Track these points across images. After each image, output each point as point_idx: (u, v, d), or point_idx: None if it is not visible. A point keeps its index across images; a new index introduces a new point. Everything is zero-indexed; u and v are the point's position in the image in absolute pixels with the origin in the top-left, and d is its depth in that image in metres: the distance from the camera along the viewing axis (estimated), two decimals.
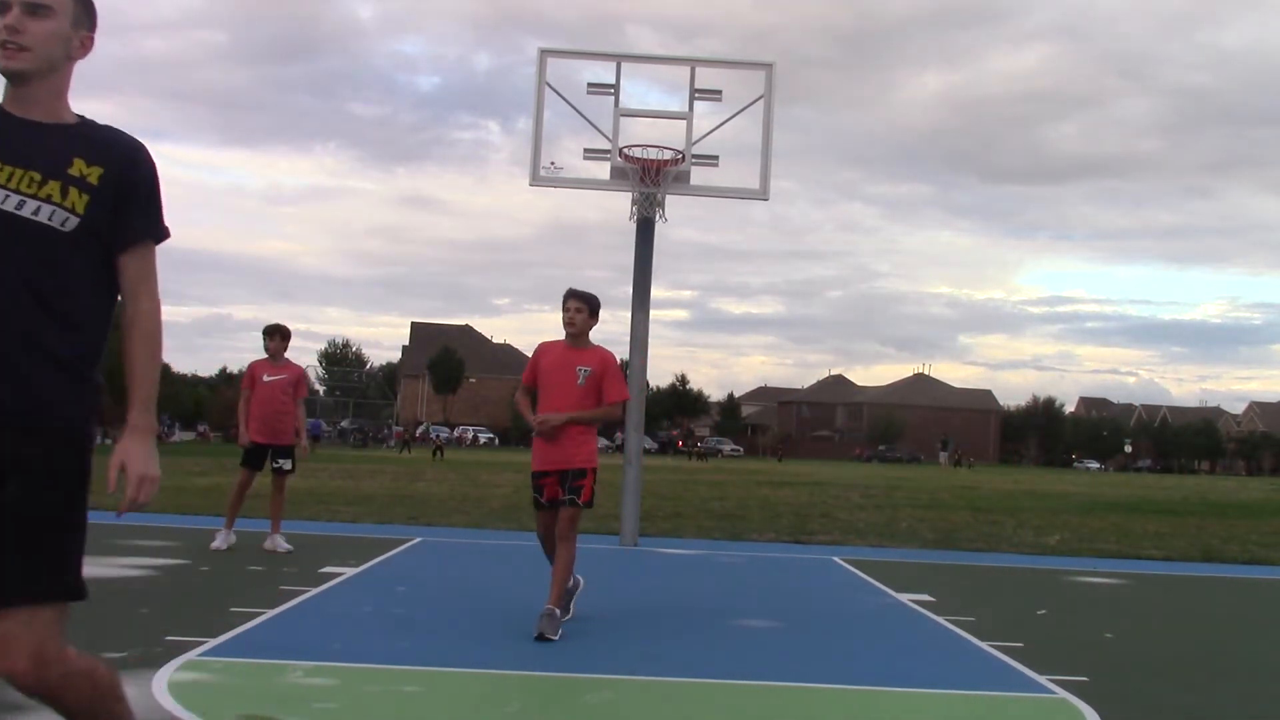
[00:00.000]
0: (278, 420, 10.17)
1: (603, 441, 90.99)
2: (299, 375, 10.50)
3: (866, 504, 22.64)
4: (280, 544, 10.17)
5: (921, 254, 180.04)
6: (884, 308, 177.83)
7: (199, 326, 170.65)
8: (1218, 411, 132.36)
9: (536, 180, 12.60)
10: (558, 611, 6.56)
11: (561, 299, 6.95)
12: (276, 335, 10.33)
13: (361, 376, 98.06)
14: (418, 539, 12.02)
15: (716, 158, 12.77)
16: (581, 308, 6.87)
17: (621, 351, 12.21)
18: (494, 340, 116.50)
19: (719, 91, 12.64)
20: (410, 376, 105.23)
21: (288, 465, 10.28)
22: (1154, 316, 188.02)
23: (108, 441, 62.98)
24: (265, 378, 10.18)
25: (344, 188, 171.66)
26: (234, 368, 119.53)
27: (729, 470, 47.24)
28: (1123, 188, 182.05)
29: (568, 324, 6.89)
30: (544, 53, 12.67)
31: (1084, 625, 8.13)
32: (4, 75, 2.72)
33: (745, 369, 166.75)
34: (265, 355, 10.35)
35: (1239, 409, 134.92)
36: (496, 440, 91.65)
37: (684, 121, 12.51)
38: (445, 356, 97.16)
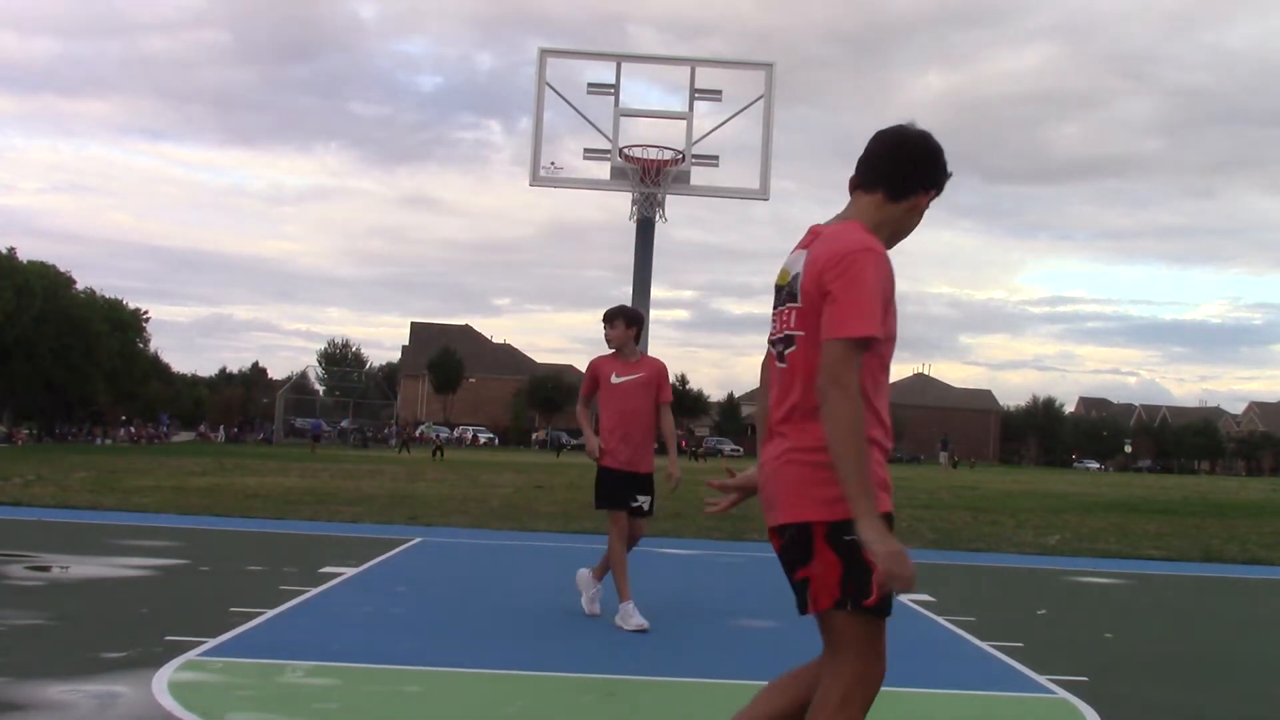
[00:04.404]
0: (637, 438, 7.23)
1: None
2: (659, 373, 7.31)
3: None
4: (632, 618, 6.97)
5: (922, 254, 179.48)
6: None
7: (199, 326, 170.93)
8: (1218, 411, 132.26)
9: (537, 180, 12.64)
10: None
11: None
12: (620, 320, 7.28)
13: (361, 376, 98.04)
14: (418, 539, 12.02)
15: (717, 158, 12.81)
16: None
17: None
18: (494, 340, 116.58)
19: (719, 91, 12.67)
20: (410, 377, 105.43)
21: (645, 504, 7.26)
22: (1155, 316, 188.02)
23: (107, 441, 62.47)
24: (614, 378, 7.21)
25: (345, 188, 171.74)
26: (234, 367, 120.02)
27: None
28: (1124, 188, 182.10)
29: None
30: (544, 53, 12.68)
31: (1084, 625, 8.12)
32: None
33: (746, 369, 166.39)
34: (608, 350, 7.35)
35: (1239, 409, 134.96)
36: (497, 440, 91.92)
37: (684, 121, 12.54)
38: (445, 357, 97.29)
